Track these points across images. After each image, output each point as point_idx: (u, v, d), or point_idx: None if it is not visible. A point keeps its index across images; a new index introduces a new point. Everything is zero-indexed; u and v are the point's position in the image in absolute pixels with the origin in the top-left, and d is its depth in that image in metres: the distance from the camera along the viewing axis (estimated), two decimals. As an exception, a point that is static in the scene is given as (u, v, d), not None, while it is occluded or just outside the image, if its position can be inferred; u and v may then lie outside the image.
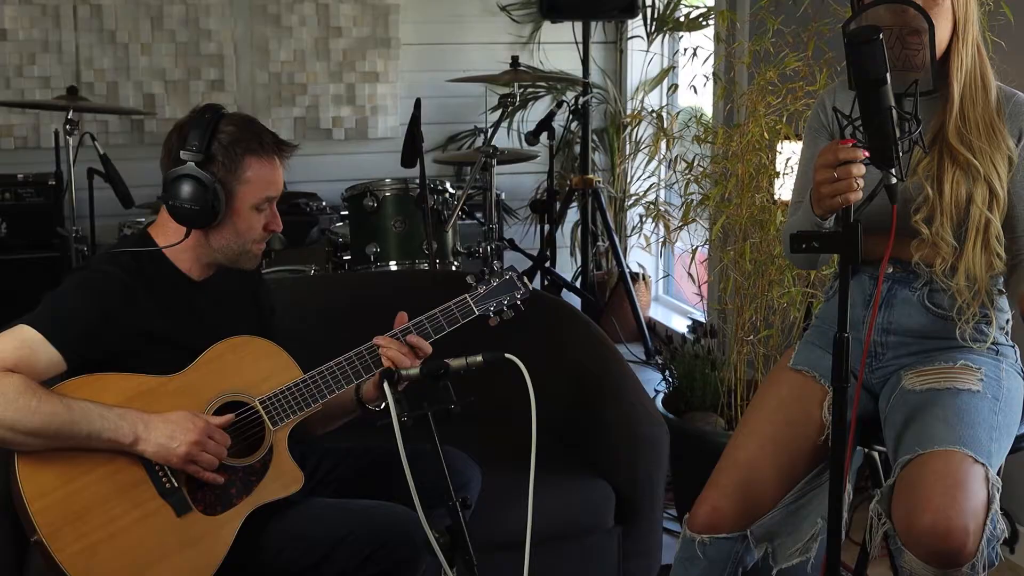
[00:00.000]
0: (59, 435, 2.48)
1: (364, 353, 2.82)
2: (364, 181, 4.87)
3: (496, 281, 2.98)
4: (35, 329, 2.56)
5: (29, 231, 5.64)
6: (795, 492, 2.64)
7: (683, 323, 6.57)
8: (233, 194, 2.71)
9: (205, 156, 2.68)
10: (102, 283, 2.68)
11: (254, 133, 2.75)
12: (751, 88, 3.67)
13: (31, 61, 6.07)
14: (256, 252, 2.82)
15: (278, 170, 2.78)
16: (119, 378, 2.64)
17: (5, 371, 2.48)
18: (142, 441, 2.55)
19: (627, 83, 7.00)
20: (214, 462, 2.61)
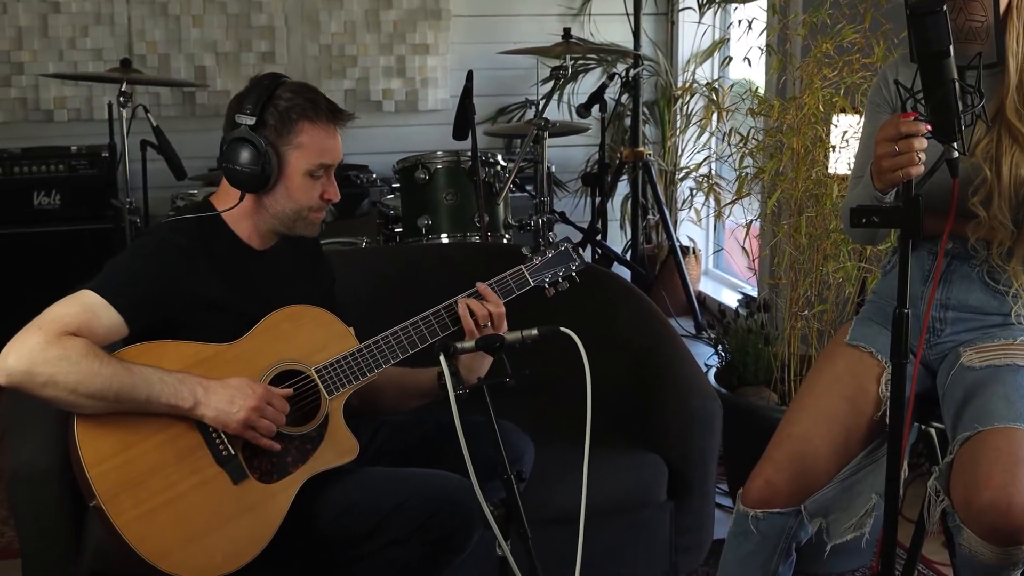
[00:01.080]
0: (120, 398, 2.50)
1: (420, 324, 2.83)
2: (415, 153, 4.86)
3: (551, 252, 2.98)
4: (97, 294, 2.59)
5: (83, 202, 5.69)
6: (850, 468, 2.62)
7: (733, 297, 6.55)
8: (286, 159, 2.73)
9: (259, 120, 2.71)
10: (164, 249, 2.71)
11: (310, 100, 2.75)
12: (807, 60, 3.62)
13: (84, 33, 6.10)
14: (314, 220, 2.82)
15: (334, 138, 2.78)
16: (178, 346, 2.66)
17: (68, 334, 2.50)
18: (201, 405, 2.57)
19: (678, 55, 6.95)
20: (272, 428, 2.63)
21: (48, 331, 2.49)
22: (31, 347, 2.46)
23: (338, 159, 2.80)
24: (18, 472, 2.81)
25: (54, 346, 2.47)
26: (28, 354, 2.46)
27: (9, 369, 2.46)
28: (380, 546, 2.68)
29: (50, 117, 6.15)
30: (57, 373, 2.45)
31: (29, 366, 2.45)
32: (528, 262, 2.95)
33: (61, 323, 2.51)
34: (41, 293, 5.24)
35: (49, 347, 2.46)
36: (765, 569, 2.68)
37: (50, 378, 2.45)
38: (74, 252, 5.58)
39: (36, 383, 2.46)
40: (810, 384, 2.72)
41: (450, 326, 2.86)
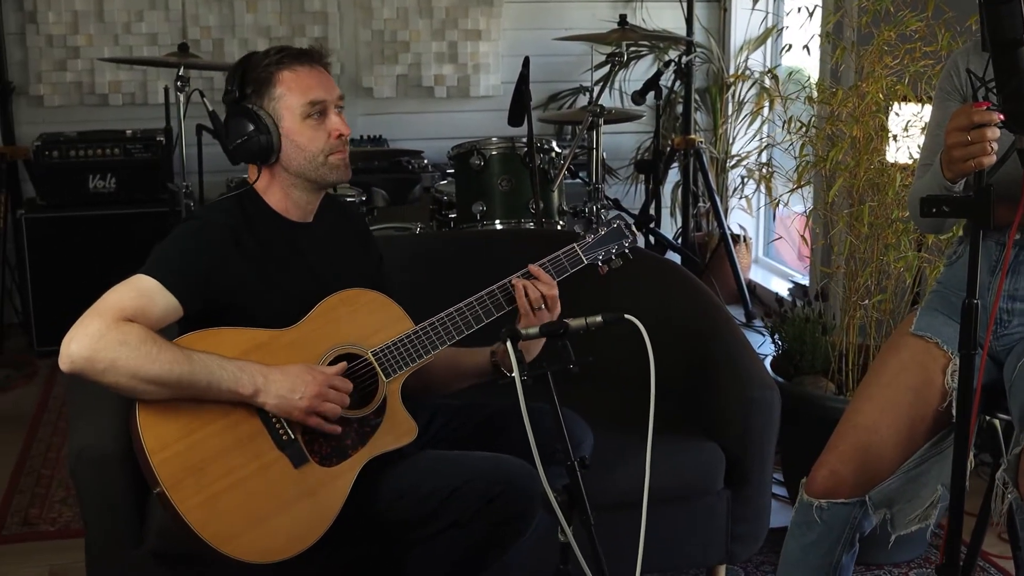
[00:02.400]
0: (180, 384, 2.52)
1: (474, 304, 2.83)
2: (471, 140, 4.86)
3: (604, 230, 2.97)
4: (151, 277, 2.60)
5: (138, 186, 5.75)
6: (915, 459, 2.61)
7: (783, 285, 6.53)
8: (277, 114, 2.73)
9: (240, 93, 2.74)
10: (210, 229, 2.72)
11: (278, 50, 2.76)
12: (869, 48, 3.59)
13: (139, 18, 6.16)
14: (336, 163, 2.78)
15: (314, 74, 2.75)
16: (234, 332, 2.67)
17: (126, 320, 2.52)
18: (262, 393, 2.58)
19: (730, 42, 6.92)
20: (337, 411, 2.64)
21: (107, 317, 2.51)
22: (91, 333, 2.49)
23: (331, 94, 2.77)
24: (83, 454, 2.83)
25: (113, 332, 2.49)
26: (89, 341, 2.48)
27: (72, 356, 2.48)
28: (440, 529, 2.68)
29: (105, 101, 6.21)
30: (118, 359, 2.47)
31: (91, 352, 2.47)
32: (581, 240, 2.94)
33: (118, 308, 2.54)
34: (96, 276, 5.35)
35: (109, 333, 2.49)
36: (828, 559, 2.67)
37: (111, 364, 2.47)
38: (129, 235, 5.63)
39: (97, 369, 2.48)
40: (875, 374, 2.70)
41: (504, 306, 2.86)
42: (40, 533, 3.94)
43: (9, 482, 4.32)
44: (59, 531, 3.95)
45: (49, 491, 4.24)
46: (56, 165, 5.67)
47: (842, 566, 2.69)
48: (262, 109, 2.72)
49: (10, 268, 5.91)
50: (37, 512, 4.07)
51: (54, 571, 3.69)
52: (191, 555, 2.83)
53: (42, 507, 4.11)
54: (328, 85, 2.78)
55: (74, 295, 5.35)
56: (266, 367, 2.60)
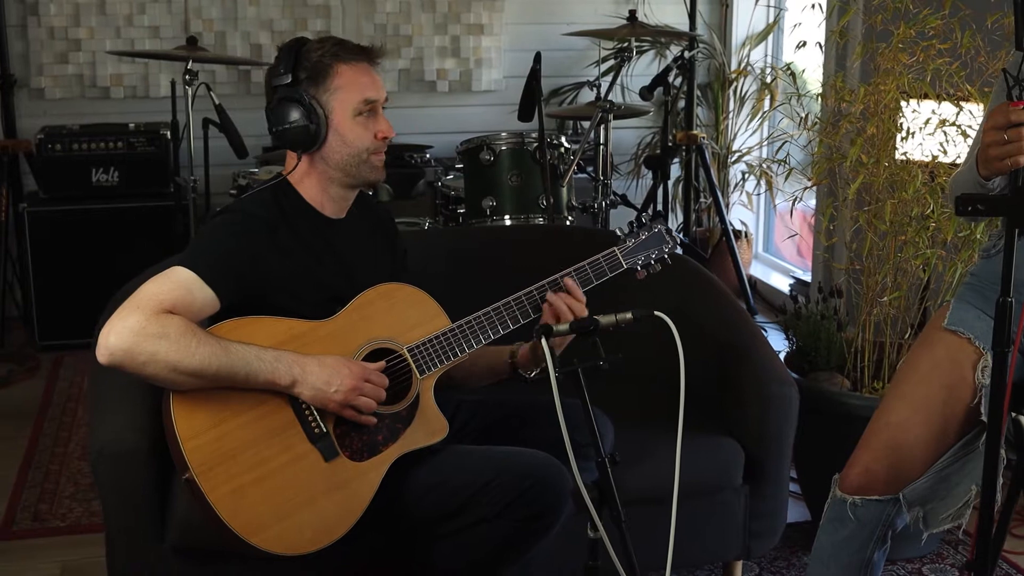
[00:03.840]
0: (218, 376, 2.52)
1: (512, 304, 2.82)
2: (480, 135, 4.86)
3: (645, 234, 2.96)
4: (189, 269, 2.60)
5: (142, 180, 5.72)
6: (948, 457, 2.61)
7: (783, 281, 6.55)
8: (329, 106, 2.73)
9: (294, 77, 2.73)
10: (250, 222, 2.72)
11: (336, 43, 2.76)
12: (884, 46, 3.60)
13: (141, 11, 6.14)
14: (375, 163, 2.80)
15: (369, 73, 2.77)
16: (271, 322, 2.67)
17: (165, 312, 2.51)
18: (299, 384, 2.58)
19: (732, 38, 6.93)
20: (372, 405, 2.64)
21: (146, 309, 2.50)
22: (131, 326, 2.47)
23: (381, 95, 2.79)
24: (105, 449, 2.82)
25: (153, 324, 2.48)
26: (129, 333, 2.47)
27: (111, 348, 2.47)
28: (468, 524, 2.68)
29: (106, 94, 6.19)
30: (158, 351, 2.46)
31: (131, 345, 2.46)
32: (621, 244, 2.94)
33: (157, 300, 2.53)
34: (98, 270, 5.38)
35: (148, 325, 2.48)
36: (860, 555, 2.67)
37: (151, 356, 2.47)
38: (132, 229, 5.62)
39: (137, 362, 2.47)
40: (908, 370, 2.70)
41: (533, 313, 2.85)
42: (50, 529, 3.92)
43: (16, 478, 4.30)
44: (69, 527, 3.93)
45: (58, 487, 4.23)
46: (59, 158, 5.64)
47: (874, 563, 2.70)
48: (314, 98, 2.72)
49: (12, 262, 5.88)
50: (47, 508, 4.06)
51: (66, 567, 3.68)
52: (212, 551, 2.84)
53: (51, 503, 4.10)
54: (380, 85, 2.79)
55: (76, 289, 5.45)
56: (303, 357, 2.60)
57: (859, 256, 3.77)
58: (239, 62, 6.08)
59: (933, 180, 3.56)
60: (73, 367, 5.43)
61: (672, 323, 2.49)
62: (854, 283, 3.93)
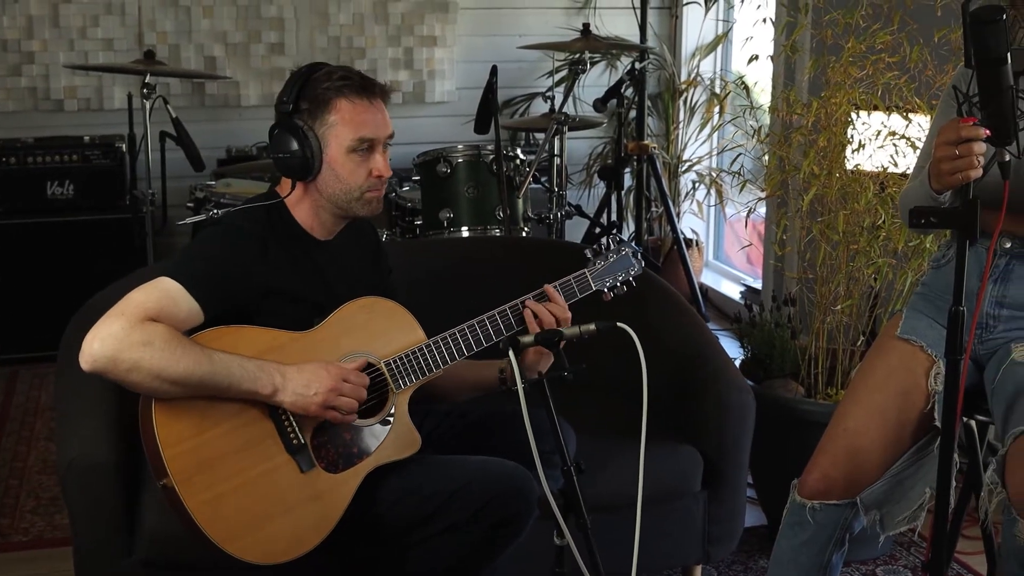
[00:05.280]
0: (201, 384, 2.55)
1: (486, 322, 2.87)
2: (436, 147, 4.91)
3: (613, 257, 3.02)
4: (176, 280, 2.62)
5: (97, 193, 5.71)
6: (903, 462, 2.69)
7: (734, 289, 6.64)
8: (325, 140, 2.74)
9: (295, 106, 2.74)
10: (237, 236, 2.75)
11: (342, 76, 2.76)
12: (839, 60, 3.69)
13: (95, 23, 6.13)
14: (370, 199, 2.81)
15: (371, 111, 2.76)
16: (253, 332, 2.70)
17: (149, 320, 2.54)
18: (280, 392, 2.61)
19: (682, 49, 7.02)
20: (353, 405, 2.68)
21: (131, 317, 2.52)
22: (115, 333, 2.50)
23: (382, 133, 2.78)
24: (73, 462, 2.84)
25: (137, 331, 2.50)
26: (113, 340, 2.49)
27: (95, 355, 2.49)
28: (438, 531, 2.74)
29: (60, 107, 6.18)
30: (142, 359, 2.49)
31: (114, 352, 2.48)
32: (591, 266, 2.99)
33: (142, 309, 2.55)
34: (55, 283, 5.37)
35: (133, 333, 2.50)
36: (819, 558, 2.75)
37: (135, 364, 2.49)
38: (88, 242, 5.61)
39: (121, 369, 2.50)
40: (863, 377, 2.78)
41: (515, 326, 2.89)
42: (13, 544, 3.91)
43: (-25, 493, 4.30)
44: (32, 542, 3.93)
45: (19, 501, 4.22)
46: (13, 172, 5.62)
47: (832, 565, 2.78)
48: (312, 130, 2.73)
49: (-34, 276, 5.84)
50: (8, 523, 4.05)
51: (30, 581, 3.69)
52: (182, 563, 2.87)
53: (13, 518, 4.09)
54: (382, 123, 2.78)
55: (32, 303, 5.44)
56: (283, 366, 2.64)
57: (812, 265, 3.86)
58: (196, 76, 6.10)
59: (884, 191, 3.64)
60: (30, 381, 5.41)
61: (635, 334, 2.56)
62: (807, 292, 4.01)
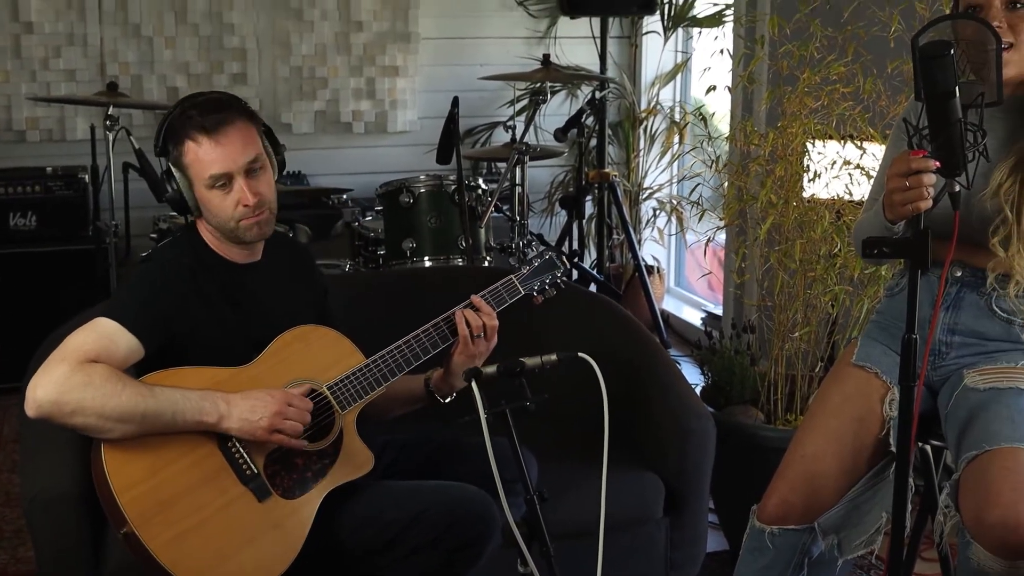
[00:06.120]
0: (145, 419, 2.58)
1: (421, 336, 2.94)
2: (399, 177, 4.94)
3: (537, 262, 3.12)
4: (112, 319, 2.67)
5: (60, 224, 5.70)
6: (860, 487, 2.73)
7: (695, 315, 6.69)
8: (189, 177, 2.80)
9: (162, 147, 2.82)
10: (169, 270, 2.81)
11: (188, 115, 2.77)
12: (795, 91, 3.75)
13: (56, 54, 6.13)
14: (247, 226, 2.82)
15: (218, 145, 2.75)
16: (195, 371, 2.73)
17: (89, 361, 2.58)
18: (226, 419, 2.65)
19: (642, 78, 7.09)
20: (299, 428, 2.71)
21: (71, 360, 2.57)
22: (56, 377, 2.54)
23: (232, 166, 2.76)
24: (37, 497, 2.85)
25: (78, 374, 2.55)
26: (54, 384, 2.54)
27: (38, 401, 2.54)
28: (401, 556, 2.77)
29: (22, 138, 6.17)
30: (84, 399, 2.53)
31: (57, 396, 2.53)
32: (517, 272, 3.08)
33: (82, 351, 2.60)
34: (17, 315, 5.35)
35: (73, 375, 2.55)
36: (779, 582, 2.79)
37: (78, 405, 2.53)
38: (51, 273, 5.60)
39: (65, 412, 2.54)
40: (820, 404, 2.83)
41: (449, 337, 2.97)
42: (-24, 577, 3.91)
43: (-63, 527, 4.28)
44: (-6, 574, 3.93)
45: (-19, 534, 4.22)
46: (-26, 203, 5.61)
47: (791, 589, 2.82)
48: (177, 169, 2.80)
49: (-73, 307, 5.82)
50: (-29, 556, 4.05)
51: (-7, 614, 3.68)
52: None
53: (-25, 551, 4.09)
54: (231, 154, 2.77)
55: (-3, 330, 5.39)
56: (227, 394, 2.68)
57: (770, 293, 3.91)
58: (159, 107, 6.07)
59: (840, 219, 3.71)
60: (-9, 412, 5.40)
61: (596, 364, 2.60)
62: (766, 319, 4.07)
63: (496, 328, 2.99)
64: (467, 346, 2.94)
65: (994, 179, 2.60)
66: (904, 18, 3.71)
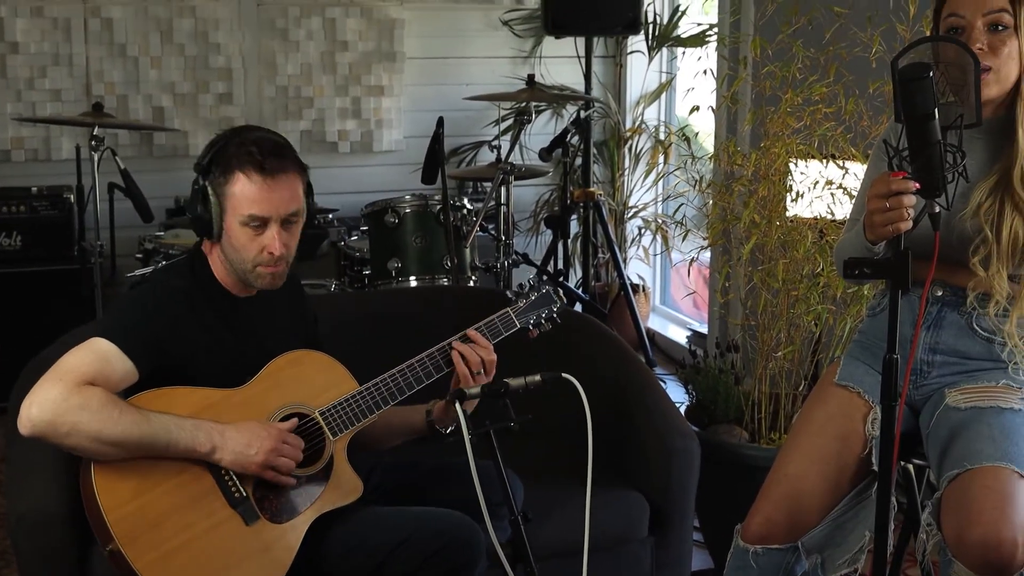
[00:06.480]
0: (140, 445, 2.58)
1: (416, 366, 2.93)
2: (384, 197, 4.96)
3: (534, 295, 3.11)
4: (108, 341, 2.66)
5: (45, 244, 5.69)
6: (842, 506, 2.75)
7: (681, 333, 6.70)
8: (224, 207, 2.78)
9: (206, 168, 2.80)
10: (166, 292, 2.81)
11: (248, 150, 2.75)
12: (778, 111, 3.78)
13: (42, 74, 6.13)
14: (262, 273, 2.81)
15: (269, 188, 2.74)
16: (187, 392, 2.74)
17: (86, 383, 2.58)
18: (219, 450, 2.65)
19: (627, 97, 7.12)
20: (291, 466, 2.72)
21: (67, 381, 2.57)
22: (53, 398, 2.54)
23: (276, 212, 2.76)
24: (23, 517, 2.85)
25: (75, 396, 2.55)
26: (51, 405, 2.53)
27: (33, 420, 2.54)
28: None
29: (7, 157, 6.16)
30: (79, 422, 2.53)
31: (52, 416, 2.53)
32: (513, 305, 3.07)
33: (78, 372, 2.59)
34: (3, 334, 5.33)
35: (70, 397, 2.54)
36: (763, 601, 2.80)
37: (73, 427, 2.53)
38: (36, 293, 5.58)
39: (59, 433, 2.54)
40: (804, 423, 2.84)
41: (444, 368, 2.96)
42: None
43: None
44: (-21, 595, 3.92)
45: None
46: (-40, 223, 5.61)
47: (775, 608, 2.83)
48: (215, 194, 2.77)
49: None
50: (-45, 576, 4.04)
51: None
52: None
53: (-41, 571, 4.08)
54: (277, 201, 2.75)
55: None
56: (221, 425, 2.68)
57: (754, 312, 3.93)
58: (144, 127, 6.11)
59: (822, 239, 3.73)
60: (-23, 433, 5.37)
61: (579, 384, 2.62)
62: (750, 338, 4.09)
63: (494, 362, 2.96)
64: (467, 380, 2.91)
65: (974, 199, 2.63)
66: (885, 39, 3.74)
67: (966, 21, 2.62)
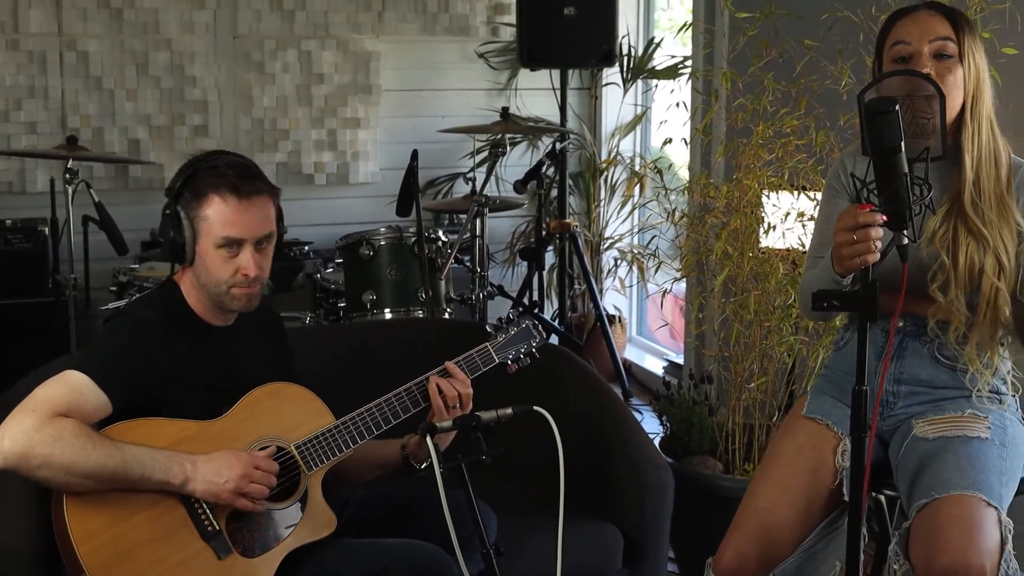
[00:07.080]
0: (113, 477, 2.57)
1: (392, 400, 2.93)
2: (359, 229, 4.96)
3: (514, 330, 3.11)
4: (82, 373, 2.66)
5: (19, 276, 5.67)
6: (814, 537, 2.76)
7: (657, 364, 6.71)
8: (198, 231, 2.79)
9: (178, 191, 2.80)
10: (142, 327, 2.80)
11: (221, 173, 2.78)
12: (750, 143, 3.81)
13: (17, 107, 6.13)
14: (237, 295, 2.84)
15: (243, 210, 2.77)
16: (163, 423, 2.73)
17: (59, 415, 2.57)
18: (191, 481, 2.64)
19: (602, 129, 7.15)
20: (264, 491, 2.71)
21: (40, 413, 2.56)
22: (25, 430, 2.53)
23: (250, 233, 2.79)
24: (-5, 553, 2.84)
25: (47, 428, 2.54)
26: (23, 437, 2.52)
27: (5, 452, 2.53)
28: None
29: (-19, 190, 6.16)
30: (52, 454, 2.52)
31: (25, 448, 2.52)
32: (492, 340, 3.07)
33: (51, 404, 2.58)
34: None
35: (43, 429, 2.53)
36: (736, 634, 2.80)
37: (45, 460, 2.52)
38: (10, 326, 5.55)
39: (32, 465, 2.53)
40: (773, 456, 2.86)
41: (421, 402, 2.96)
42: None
43: None
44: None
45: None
46: (-67, 256, 5.59)
47: (749, 641, 2.83)
48: (187, 218, 2.79)
49: None
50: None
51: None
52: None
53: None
54: (253, 224, 2.78)
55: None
56: (193, 456, 2.67)
57: (727, 343, 3.95)
58: (119, 161, 6.11)
59: (795, 270, 3.75)
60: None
61: (551, 418, 2.62)
62: (723, 369, 4.10)
63: (471, 396, 2.98)
64: (442, 414, 2.92)
65: (928, 226, 2.66)
66: (855, 72, 3.77)
67: (913, 48, 2.68)
